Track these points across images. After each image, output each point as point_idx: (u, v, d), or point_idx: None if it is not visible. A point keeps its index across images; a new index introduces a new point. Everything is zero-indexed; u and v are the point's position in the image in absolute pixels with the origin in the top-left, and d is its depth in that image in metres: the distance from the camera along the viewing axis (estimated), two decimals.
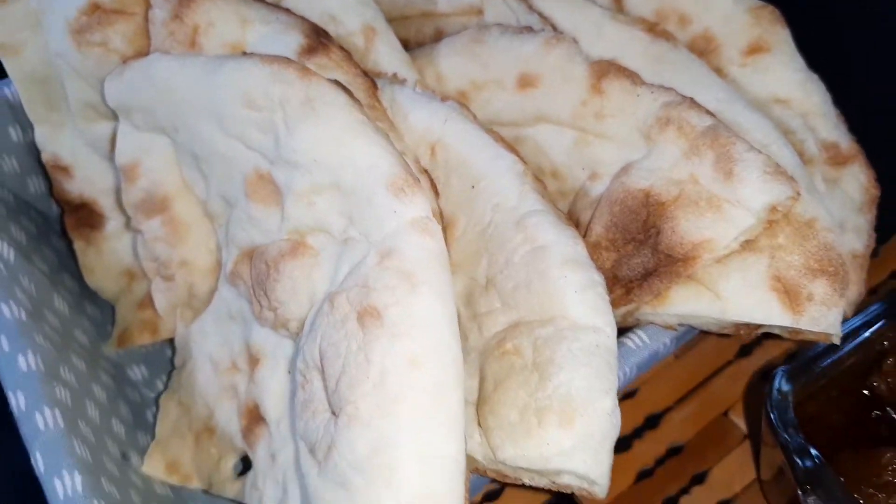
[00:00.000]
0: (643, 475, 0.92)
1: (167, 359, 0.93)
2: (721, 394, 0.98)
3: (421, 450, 0.58)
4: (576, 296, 0.69)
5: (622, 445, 0.94)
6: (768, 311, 0.70)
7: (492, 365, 0.70)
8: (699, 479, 0.92)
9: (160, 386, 0.93)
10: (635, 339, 0.76)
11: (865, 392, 0.82)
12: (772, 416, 0.73)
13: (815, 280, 0.69)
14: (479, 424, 0.67)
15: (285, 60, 0.72)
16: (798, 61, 0.85)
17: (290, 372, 0.72)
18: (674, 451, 0.94)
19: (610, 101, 0.80)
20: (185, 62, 0.77)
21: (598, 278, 0.71)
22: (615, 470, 0.92)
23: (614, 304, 0.74)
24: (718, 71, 0.88)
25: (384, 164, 0.67)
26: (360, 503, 0.58)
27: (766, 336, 1.04)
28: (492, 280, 0.75)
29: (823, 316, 0.68)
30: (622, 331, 0.78)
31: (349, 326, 0.63)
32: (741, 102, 0.80)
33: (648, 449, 0.94)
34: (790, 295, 0.69)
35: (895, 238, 1.09)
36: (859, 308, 0.81)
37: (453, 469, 0.58)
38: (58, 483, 0.65)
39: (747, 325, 0.74)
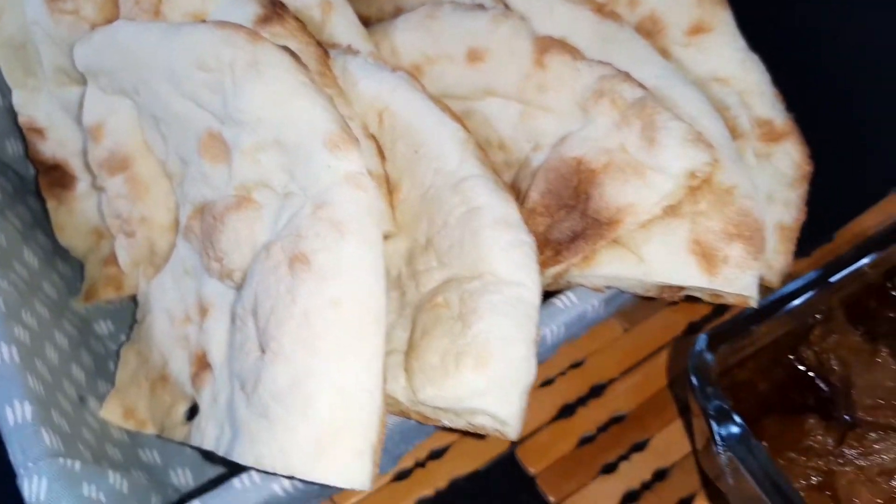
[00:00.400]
0: (585, 441, 0.95)
1: (133, 315, 0.97)
2: (666, 366, 1.01)
3: (337, 383, 0.62)
4: (502, 253, 0.72)
5: (567, 412, 0.97)
6: (686, 273, 0.73)
7: (422, 316, 0.74)
8: (639, 446, 0.95)
9: (125, 340, 0.97)
10: (564, 300, 0.79)
11: (795, 361, 0.84)
12: (692, 380, 0.76)
13: (731, 243, 0.72)
14: (406, 370, 0.71)
15: (236, 26, 0.76)
16: (738, 41, 0.88)
17: (232, 318, 0.76)
18: (616, 420, 0.97)
19: (551, 75, 0.84)
20: (146, 28, 0.82)
21: (527, 239, 0.74)
22: (558, 435, 0.96)
23: (544, 264, 0.78)
24: (664, 51, 0.91)
25: (322, 122, 0.71)
26: (278, 431, 0.61)
27: (716, 313, 1.07)
28: (430, 240, 0.79)
29: (737, 277, 0.71)
30: (554, 293, 0.82)
31: (280, 271, 0.67)
32: (678, 79, 0.83)
33: (592, 416, 0.97)
34: (707, 257, 0.72)
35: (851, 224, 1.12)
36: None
37: (368, 403, 0.62)
38: (8, 411, 0.70)
39: (670, 287, 0.77)
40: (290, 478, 0.61)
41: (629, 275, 0.76)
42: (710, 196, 0.75)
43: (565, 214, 0.79)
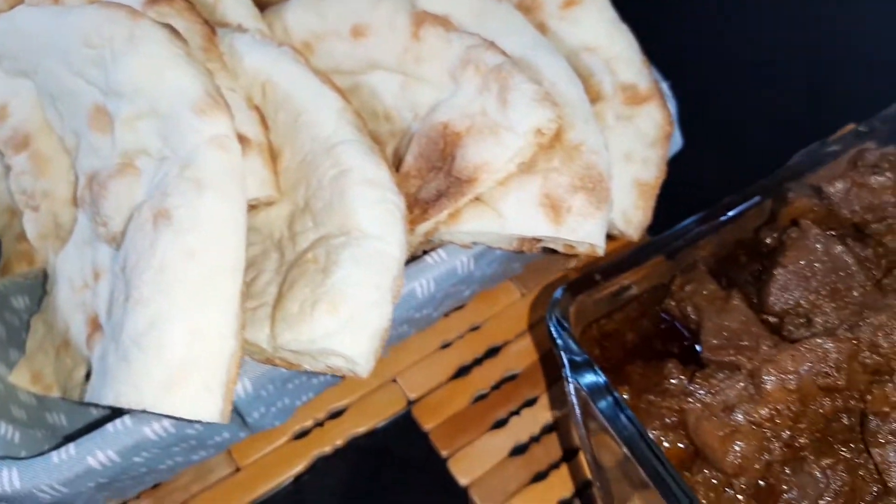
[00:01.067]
0: (479, 399, 1.00)
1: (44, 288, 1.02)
2: None
3: (190, 325, 0.66)
4: (366, 210, 0.77)
5: (463, 372, 1.02)
6: (535, 224, 0.78)
7: (293, 272, 0.78)
8: (530, 402, 0.99)
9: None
10: (434, 256, 0.84)
11: (661, 312, 0.88)
12: (550, 328, 0.80)
13: (575, 195, 0.77)
14: (270, 319, 0.76)
15: (120, 5, 0.81)
16: (607, 13, 0.93)
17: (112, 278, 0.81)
18: (509, 378, 1.01)
19: (426, 47, 0.89)
20: (42, 12, 0.87)
21: (393, 198, 0.79)
22: (453, 394, 1.00)
23: (414, 222, 0.83)
24: (541, 25, 0.96)
25: (191, 89, 0.76)
26: (135, 373, 0.66)
27: None
28: (307, 203, 0.84)
29: (580, 226, 0.76)
30: (428, 252, 0.87)
31: (146, 228, 0.72)
32: (544, 48, 0.88)
33: (486, 375, 1.01)
34: (554, 209, 0.77)
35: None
36: None
37: (220, 344, 0.67)
38: None
39: (526, 240, 0.82)
40: (145, 412, 0.65)
41: (489, 229, 0.80)
42: (561, 153, 0.79)
43: (433, 176, 0.84)
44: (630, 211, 0.85)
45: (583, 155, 0.78)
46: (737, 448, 0.72)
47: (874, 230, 0.88)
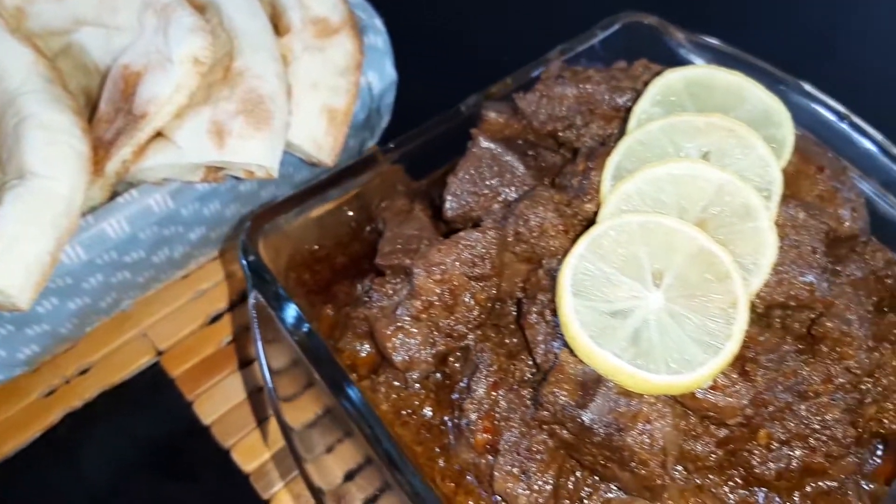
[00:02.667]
0: (230, 343, 1.02)
1: None
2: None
3: None
4: (36, 152, 0.78)
5: (216, 319, 1.03)
6: (204, 151, 0.80)
7: None
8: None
9: None
10: (126, 196, 0.85)
11: (369, 234, 0.91)
12: (241, 258, 0.81)
13: (236, 118, 0.79)
14: None
15: None
16: None
17: None
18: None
19: None
20: None
21: (68, 139, 0.80)
22: (202, 341, 1.02)
23: (100, 162, 0.84)
24: None
25: None
26: None
27: None
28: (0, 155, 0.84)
29: (242, 147, 0.78)
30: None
31: None
32: None
33: (236, 320, 1.03)
34: (219, 134, 0.79)
35: None
36: None
37: None
38: None
39: (210, 169, 0.84)
40: None
41: (169, 161, 0.82)
42: (230, 83, 0.81)
43: (118, 117, 0.85)
44: (320, 137, 0.88)
45: (246, 80, 0.80)
46: (399, 343, 0.75)
47: (565, 138, 0.92)
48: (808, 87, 0.99)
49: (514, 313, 0.79)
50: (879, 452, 0.79)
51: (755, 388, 0.65)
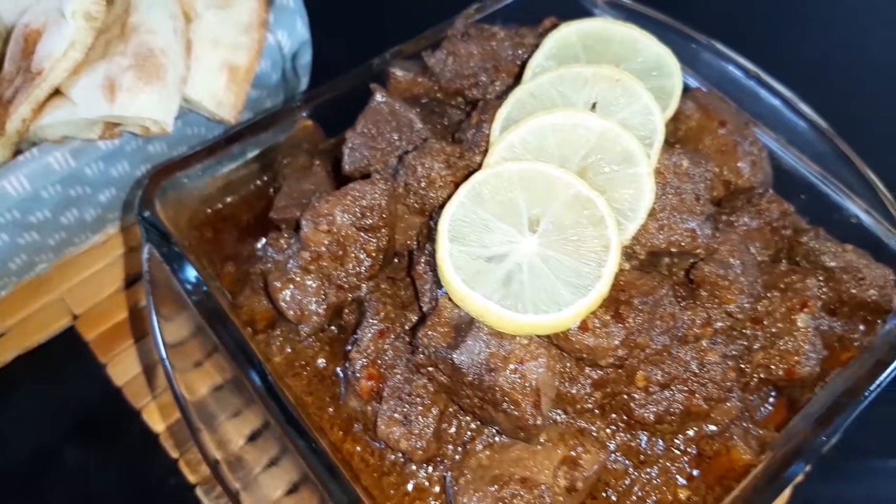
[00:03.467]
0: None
1: None
2: None
3: None
4: None
5: (134, 282, 1.03)
6: (96, 106, 0.80)
7: None
8: None
9: None
10: (27, 154, 0.85)
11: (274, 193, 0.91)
12: (138, 217, 0.81)
13: (127, 73, 0.79)
14: None
15: None
16: None
17: None
18: None
19: None
20: None
21: None
22: (117, 305, 1.01)
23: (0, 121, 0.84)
24: None
25: None
26: None
27: None
28: None
29: (131, 101, 0.78)
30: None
31: None
32: None
33: None
34: (111, 89, 0.79)
35: None
36: None
37: None
38: None
39: (107, 126, 0.84)
40: None
41: (66, 118, 0.82)
42: (125, 38, 0.81)
43: (18, 74, 0.85)
44: (221, 94, 0.88)
45: (139, 35, 0.80)
46: (289, 295, 0.76)
47: (472, 96, 0.92)
48: (719, 46, 1.00)
49: (401, 263, 0.79)
50: (772, 400, 0.80)
51: (626, 330, 0.66)
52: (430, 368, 0.68)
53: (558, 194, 0.69)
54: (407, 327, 0.74)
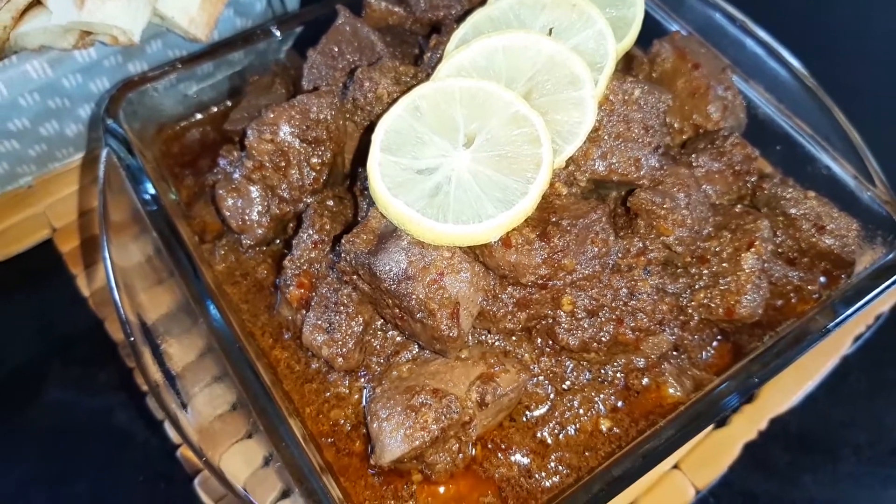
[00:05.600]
0: None
1: None
2: None
3: None
4: None
5: None
6: (67, 12, 0.81)
7: None
8: None
9: None
10: (4, 62, 0.87)
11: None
12: (103, 124, 0.83)
13: None
14: None
15: None
16: None
17: None
18: None
19: None
20: None
21: None
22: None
23: None
24: None
25: None
26: None
27: None
28: None
29: (98, 8, 0.80)
30: None
31: None
32: None
33: None
34: None
35: None
36: None
37: None
38: None
39: (80, 36, 0.85)
40: None
41: (43, 24, 0.84)
42: None
43: None
44: (194, 12, 0.89)
45: None
46: (232, 204, 0.77)
47: (446, 26, 0.92)
48: None
49: (344, 175, 0.79)
50: (716, 344, 0.78)
51: (550, 249, 0.65)
52: (353, 277, 0.68)
53: (497, 112, 0.68)
54: None
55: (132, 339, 0.73)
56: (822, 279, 0.80)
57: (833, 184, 0.84)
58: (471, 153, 0.66)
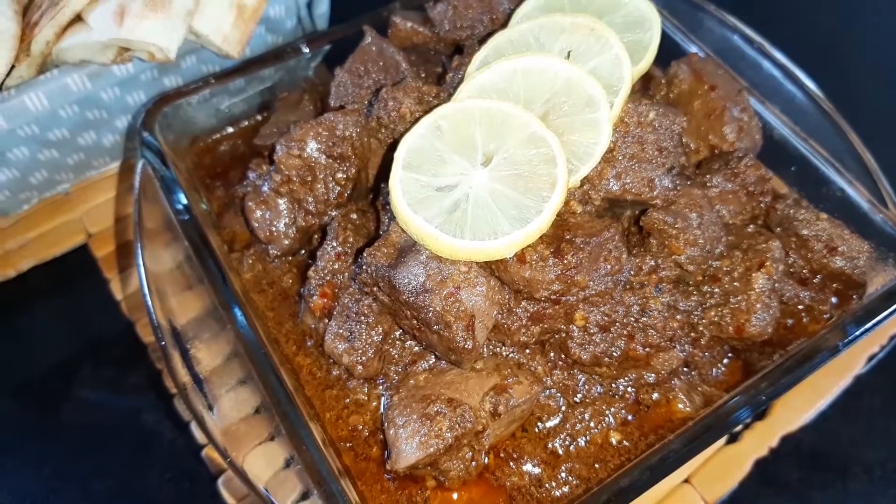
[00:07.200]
0: None
1: None
2: None
3: None
4: None
5: None
6: (107, 29, 0.86)
7: None
8: None
9: None
10: (46, 74, 0.91)
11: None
12: (140, 136, 0.87)
13: (137, 1, 0.85)
14: None
15: None
16: None
17: None
18: None
19: None
20: None
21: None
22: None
23: (24, 40, 0.91)
24: None
25: None
26: None
27: None
28: None
29: (137, 26, 0.84)
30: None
31: None
32: None
33: None
34: (122, 15, 0.85)
35: None
36: None
37: None
38: None
39: (118, 51, 0.89)
40: None
41: (84, 40, 0.88)
42: None
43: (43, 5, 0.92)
44: (228, 30, 0.92)
45: None
46: (260, 215, 0.80)
47: (468, 47, 0.95)
48: (726, 16, 0.99)
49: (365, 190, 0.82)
50: (727, 362, 0.80)
51: (563, 266, 0.67)
52: (374, 288, 0.71)
53: (515, 132, 0.70)
54: None
55: (162, 342, 0.77)
56: (833, 300, 0.81)
57: (847, 205, 0.85)
58: (488, 172, 0.69)
